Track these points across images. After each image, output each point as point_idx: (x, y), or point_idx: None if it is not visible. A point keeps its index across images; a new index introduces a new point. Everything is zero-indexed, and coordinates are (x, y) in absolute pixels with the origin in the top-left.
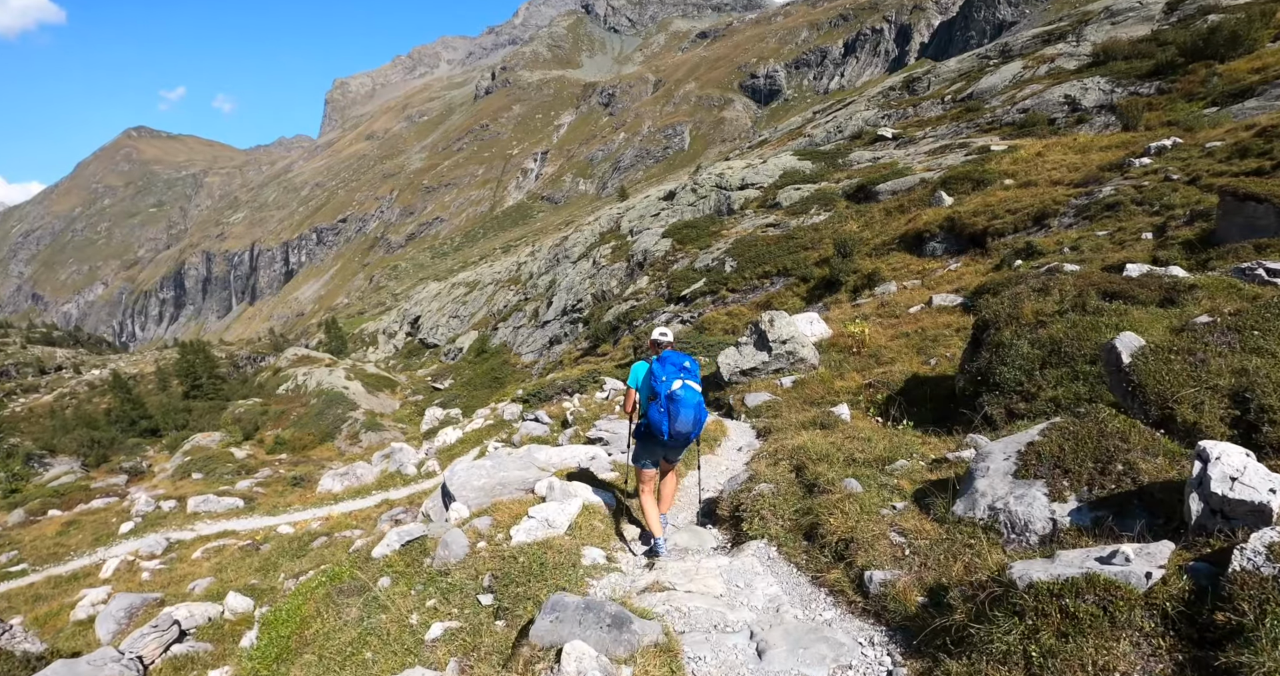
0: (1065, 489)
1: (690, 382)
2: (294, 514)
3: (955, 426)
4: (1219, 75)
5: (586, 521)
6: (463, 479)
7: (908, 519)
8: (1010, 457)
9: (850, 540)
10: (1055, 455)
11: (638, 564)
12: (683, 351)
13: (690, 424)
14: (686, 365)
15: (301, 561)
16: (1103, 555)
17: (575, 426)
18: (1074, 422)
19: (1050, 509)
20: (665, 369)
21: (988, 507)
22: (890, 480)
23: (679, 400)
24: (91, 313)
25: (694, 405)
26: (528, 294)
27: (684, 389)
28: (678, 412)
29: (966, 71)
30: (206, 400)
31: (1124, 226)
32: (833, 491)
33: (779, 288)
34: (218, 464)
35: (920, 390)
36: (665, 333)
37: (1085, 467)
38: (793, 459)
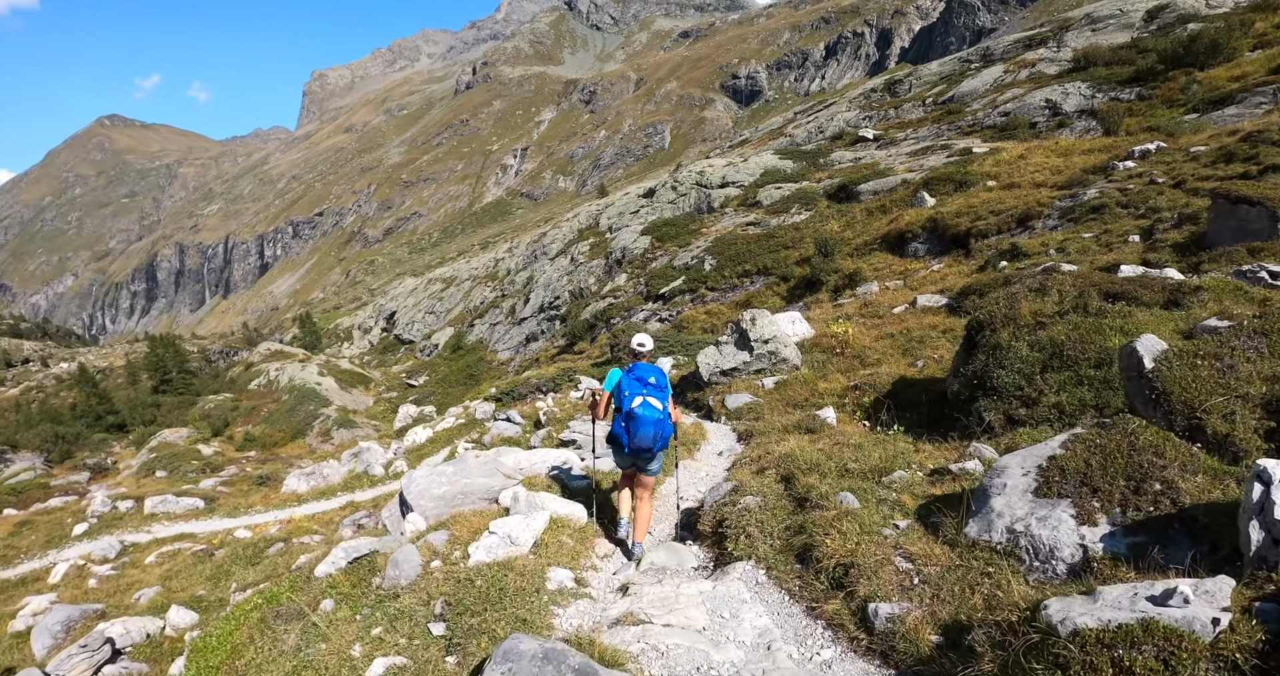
0: (1095, 510)
1: (652, 399)
2: (255, 516)
3: (950, 433)
4: (1199, 83)
5: (554, 537)
6: (421, 487)
7: (914, 541)
8: (1030, 473)
9: (850, 565)
10: (1081, 471)
11: (610, 586)
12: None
13: (649, 440)
14: (652, 380)
15: (255, 569)
16: (1154, 594)
17: (548, 427)
18: (1100, 434)
19: (1079, 533)
20: (630, 384)
21: (1006, 530)
22: (889, 494)
23: (637, 419)
24: (61, 304)
25: (653, 422)
26: (505, 290)
27: (643, 407)
28: (635, 430)
29: (948, 75)
30: (176, 395)
31: (1110, 229)
32: (827, 507)
33: (759, 286)
34: (182, 461)
35: (908, 393)
36: (644, 342)
37: (1116, 486)
38: (780, 468)
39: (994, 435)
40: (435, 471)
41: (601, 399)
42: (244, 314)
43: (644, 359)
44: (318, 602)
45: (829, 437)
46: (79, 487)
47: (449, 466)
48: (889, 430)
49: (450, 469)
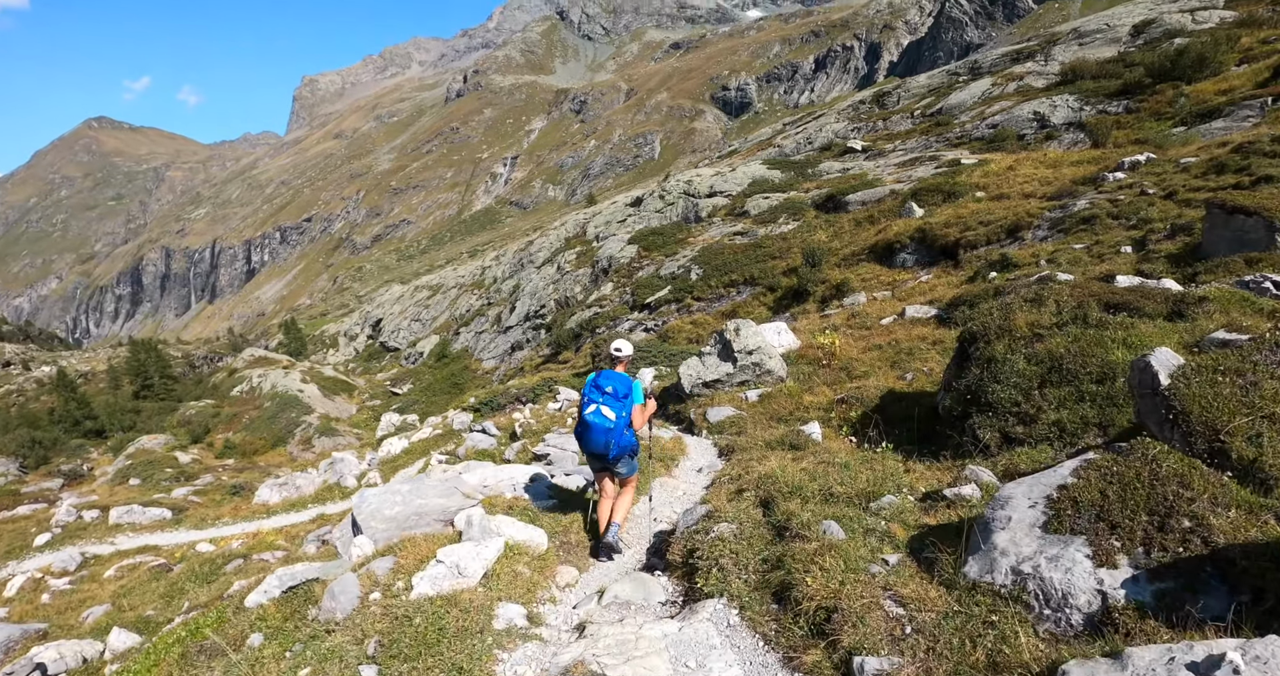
0: (1114, 550)
1: (605, 408)
2: (222, 528)
3: (942, 451)
4: (1186, 96)
5: (508, 567)
6: (373, 507)
7: (905, 580)
8: (1037, 504)
9: (833, 609)
10: (1097, 504)
11: (567, 622)
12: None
13: (600, 447)
14: (609, 389)
15: (210, 587)
16: (1195, 660)
17: (524, 440)
18: (1116, 460)
19: (1096, 577)
20: (589, 389)
21: (1011, 571)
22: (878, 523)
23: (587, 426)
24: (44, 307)
25: (603, 431)
26: (491, 298)
27: (594, 414)
28: (586, 437)
29: (936, 87)
30: (158, 400)
31: (1101, 240)
32: (808, 537)
33: (745, 297)
34: (156, 469)
35: (897, 407)
36: (621, 347)
37: (1138, 521)
38: (759, 490)
39: (990, 455)
40: (389, 490)
41: None
42: (230, 319)
43: (619, 365)
44: (245, 637)
45: (813, 455)
46: (50, 495)
47: (404, 485)
48: (877, 447)
49: (406, 488)
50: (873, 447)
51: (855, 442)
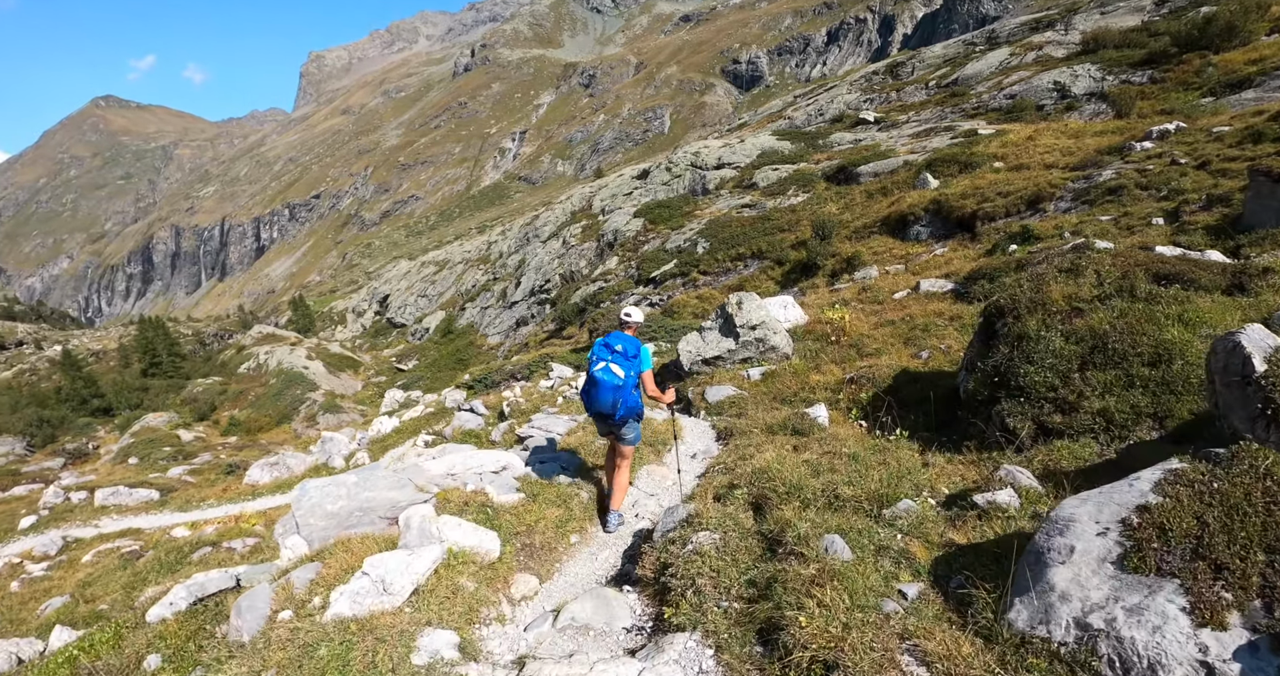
0: (1222, 603)
1: (614, 366)
2: (206, 510)
3: (966, 441)
4: (1214, 65)
5: (446, 581)
6: (314, 500)
7: (929, 626)
8: (1109, 531)
9: (833, 665)
10: (1193, 534)
11: (509, 652)
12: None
13: (607, 406)
14: (619, 348)
15: (176, 576)
16: None
17: (511, 419)
18: (1213, 473)
19: (1198, 641)
20: (598, 348)
21: (1074, 623)
22: (892, 538)
23: (595, 383)
24: (56, 287)
25: (611, 389)
26: (496, 273)
27: (603, 371)
28: (594, 395)
29: (952, 57)
30: (166, 378)
31: (1129, 211)
32: (806, 556)
33: (753, 271)
34: (156, 448)
35: (912, 388)
36: (632, 313)
37: (1253, 562)
38: (752, 487)
39: (1022, 448)
40: (334, 482)
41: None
42: (240, 296)
43: (629, 330)
44: (142, 658)
45: (819, 443)
46: (50, 474)
47: (351, 476)
48: (891, 435)
49: (352, 479)
50: (885, 435)
51: (866, 428)
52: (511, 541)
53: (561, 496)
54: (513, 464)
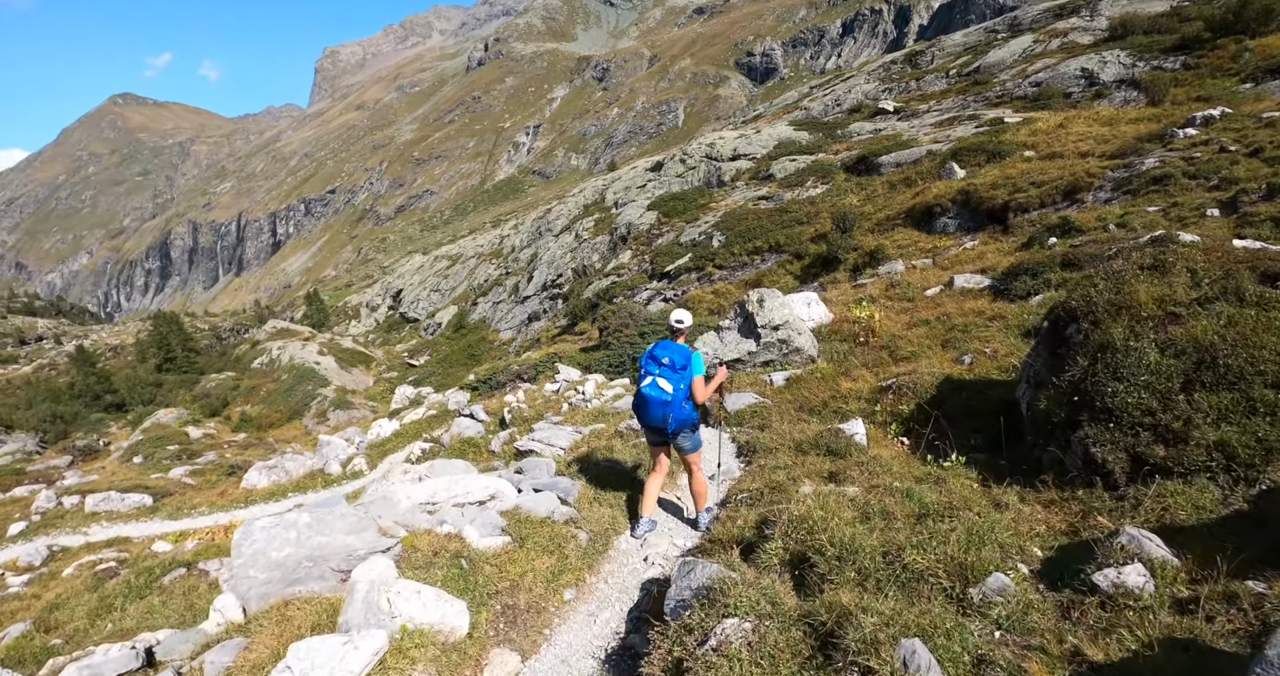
0: None
1: (662, 381)
2: (197, 518)
3: (1040, 474)
4: (1251, 51)
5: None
6: (258, 546)
7: None
8: None
9: None
10: None
11: None
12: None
13: (658, 421)
14: (666, 360)
15: (141, 603)
16: None
17: (512, 427)
18: None
19: None
20: (646, 363)
21: None
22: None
23: (644, 399)
24: (76, 282)
25: (659, 404)
26: (509, 268)
27: (650, 387)
28: (643, 410)
29: (973, 46)
30: (180, 373)
31: (1179, 201)
32: (876, 672)
33: (770, 265)
34: (160, 446)
35: (957, 399)
36: (681, 319)
37: None
38: (790, 538)
39: (1116, 485)
40: (284, 523)
41: None
42: (257, 291)
43: (679, 337)
44: None
45: (860, 470)
46: (55, 474)
47: (304, 515)
48: (944, 460)
49: (305, 520)
50: (938, 460)
51: (908, 447)
52: (489, 605)
53: (555, 539)
54: (502, 492)
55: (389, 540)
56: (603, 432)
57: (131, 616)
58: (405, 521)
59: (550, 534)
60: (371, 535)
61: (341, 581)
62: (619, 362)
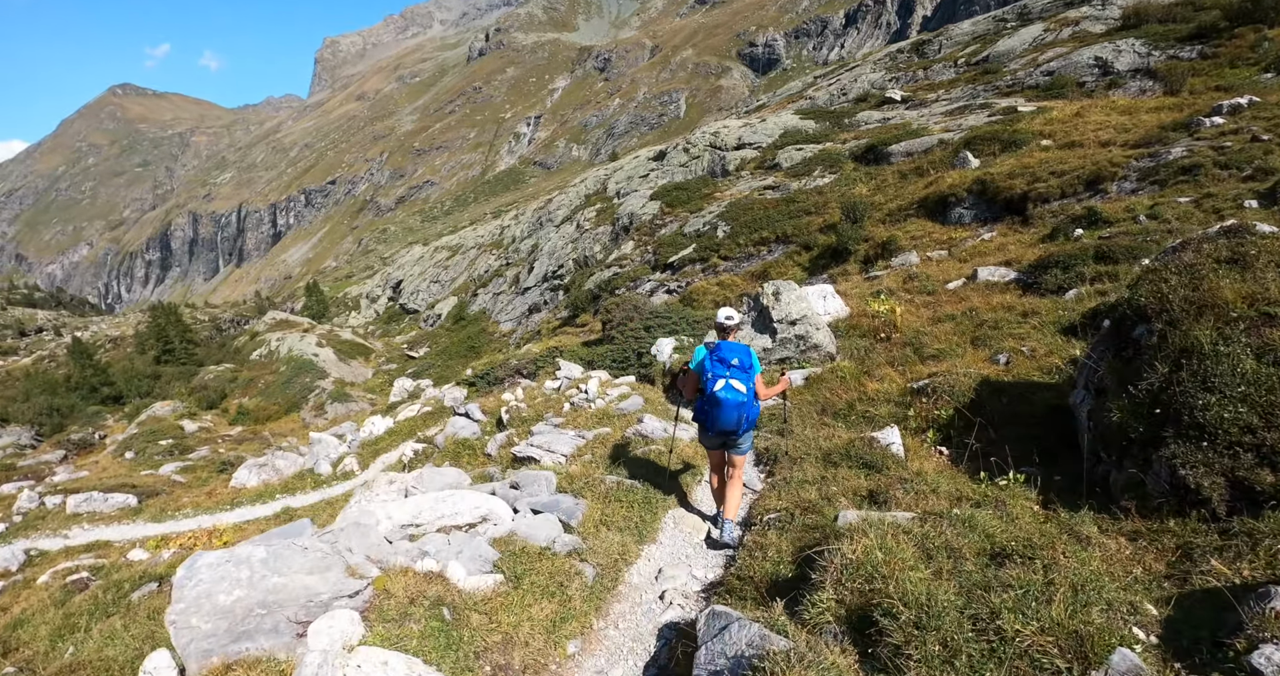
0: None
1: (735, 383)
2: (180, 521)
3: (1120, 500)
4: (1270, 40)
5: None
6: (203, 587)
7: None
8: None
9: None
10: None
11: None
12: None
13: (732, 424)
14: (735, 362)
15: (106, 623)
16: None
17: (510, 429)
18: None
19: None
20: (714, 366)
21: None
22: None
23: (719, 403)
24: (76, 274)
25: (735, 406)
26: (509, 258)
27: (725, 390)
28: (717, 415)
29: (981, 34)
30: (179, 365)
31: (1212, 192)
32: None
33: (777, 256)
34: (153, 441)
35: (997, 403)
36: (732, 316)
37: None
38: (844, 589)
39: (1215, 517)
40: (235, 558)
41: (686, 378)
42: (258, 282)
43: (730, 335)
44: None
45: (903, 488)
46: (45, 469)
47: (260, 549)
48: (999, 477)
49: (260, 554)
50: (991, 478)
51: (949, 458)
52: (477, 667)
53: (556, 576)
54: (496, 513)
55: (358, 582)
56: (608, 438)
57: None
58: (379, 556)
59: (551, 569)
60: (338, 574)
61: (298, 635)
62: (623, 358)
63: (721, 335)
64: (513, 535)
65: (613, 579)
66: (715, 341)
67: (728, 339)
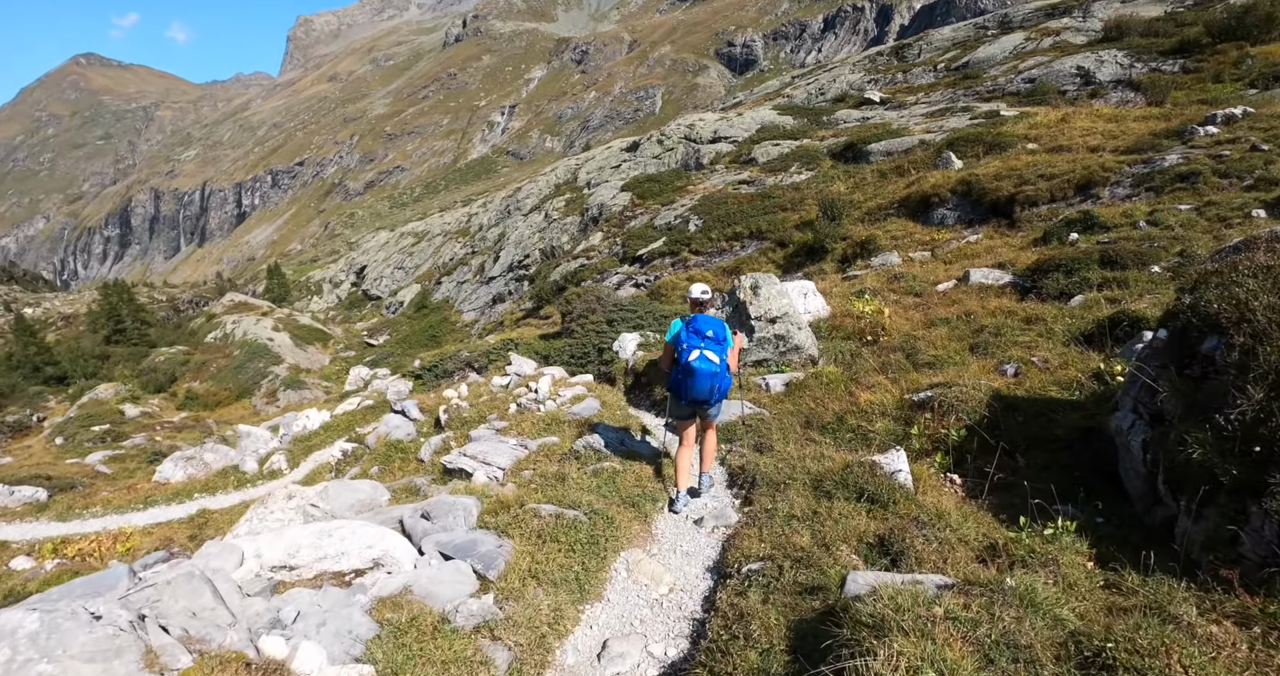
0: None
1: (709, 352)
2: (87, 520)
3: (1203, 560)
4: (1252, 57)
5: None
6: None
7: None
8: None
9: None
10: None
11: None
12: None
13: (705, 393)
14: (710, 333)
15: None
16: None
17: (448, 431)
18: None
19: None
20: (689, 337)
21: None
22: None
23: (693, 372)
24: (31, 248)
25: (709, 375)
26: (475, 247)
27: (699, 360)
28: (692, 384)
29: (962, 41)
30: (130, 346)
31: (1214, 200)
32: None
33: (751, 252)
34: (85, 427)
35: (1013, 422)
36: (706, 291)
37: None
38: None
39: None
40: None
41: (666, 352)
42: (220, 263)
43: (705, 309)
44: None
45: (919, 532)
46: None
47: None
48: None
49: (30, 628)
50: (1034, 525)
51: (962, 489)
52: None
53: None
54: (392, 556)
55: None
56: (554, 450)
57: None
58: (202, 632)
59: (446, 656)
60: (129, 665)
61: None
62: (582, 354)
63: (695, 309)
64: (407, 592)
65: (537, 665)
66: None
67: (703, 313)
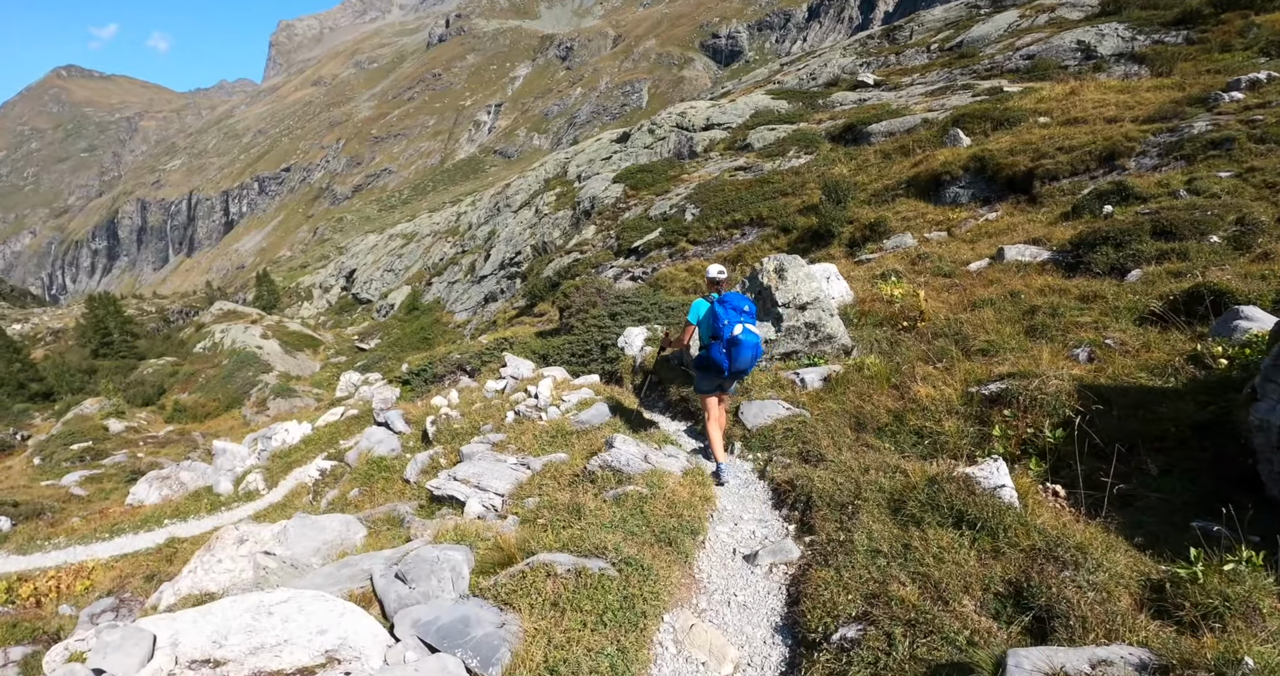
0: None
1: (749, 326)
2: (47, 553)
3: None
4: (1258, 26)
5: None
6: None
7: None
8: None
9: None
10: None
11: None
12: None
13: (749, 362)
14: (746, 308)
15: None
16: None
17: (437, 446)
18: None
19: None
20: (728, 312)
21: None
22: None
23: (741, 344)
24: (19, 263)
25: (753, 346)
26: (465, 246)
27: (745, 333)
28: (739, 355)
29: (954, 21)
30: (118, 358)
31: (1255, 166)
32: None
33: (752, 239)
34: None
35: (1107, 419)
36: (723, 271)
37: None
38: None
39: None
40: None
41: (687, 331)
42: (209, 272)
43: (724, 286)
44: None
45: (1058, 573)
46: None
47: None
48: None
49: None
50: (1163, 555)
51: (1068, 502)
52: None
53: None
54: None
55: None
56: (562, 471)
57: None
58: None
59: None
60: None
61: None
62: (584, 351)
63: (713, 288)
64: None
65: None
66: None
67: (722, 291)
